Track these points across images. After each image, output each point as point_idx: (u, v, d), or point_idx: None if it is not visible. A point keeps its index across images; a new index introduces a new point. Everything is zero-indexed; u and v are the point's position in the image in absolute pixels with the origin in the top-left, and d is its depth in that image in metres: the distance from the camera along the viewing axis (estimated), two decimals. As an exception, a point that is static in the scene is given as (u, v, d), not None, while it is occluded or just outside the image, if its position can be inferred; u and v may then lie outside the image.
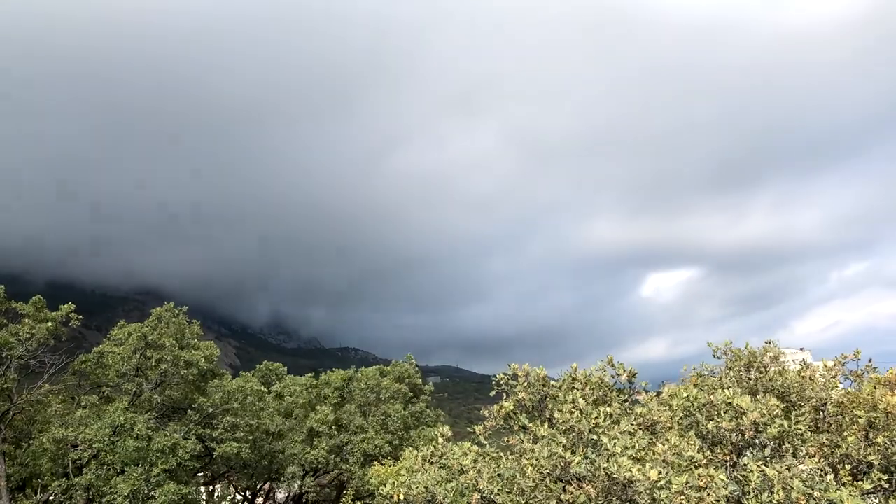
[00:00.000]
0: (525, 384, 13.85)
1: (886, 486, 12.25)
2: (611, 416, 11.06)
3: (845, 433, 12.74)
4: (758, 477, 9.33)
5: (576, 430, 10.89)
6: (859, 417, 12.63)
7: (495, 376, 14.58)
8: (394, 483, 13.95)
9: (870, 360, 14.67)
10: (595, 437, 10.48)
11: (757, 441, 11.16)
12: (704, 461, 9.90)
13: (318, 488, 43.32)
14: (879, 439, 12.18)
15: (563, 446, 10.73)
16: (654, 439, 10.36)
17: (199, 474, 36.42)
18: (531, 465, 11.01)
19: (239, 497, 43.15)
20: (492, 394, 14.52)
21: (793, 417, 11.69)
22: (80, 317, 30.26)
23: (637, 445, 9.87)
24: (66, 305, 29.96)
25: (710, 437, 11.47)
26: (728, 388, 12.38)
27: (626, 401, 13.17)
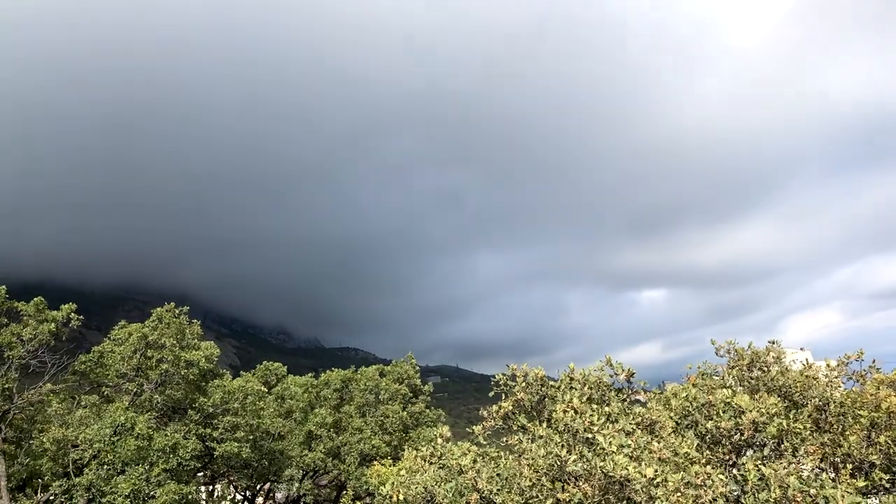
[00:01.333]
0: (523, 384, 13.86)
1: (888, 485, 12.25)
2: (609, 415, 11.06)
3: (847, 433, 12.75)
4: (755, 476, 9.34)
5: (572, 428, 10.89)
6: (862, 417, 12.64)
7: (494, 376, 14.60)
8: (393, 483, 13.94)
9: (873, 361, 14.67)
10: (591, 435, 10.48)
11: (756, 440, 11.17)
12: (703, 460, 9.91)
13: (317, 489, 43.32)
14: (881, 439, 12.19)
15: (560, 445, 10.73)
16: (651, 438, 10.36)
17: (200, 474, 36.45)
18: (529, 465, 11.02)
19: (239, 497, 43.14)
20: (491, 394, 14.53)
21: (792, 417, 11.70)
22: (81, 317, 30.29)
23: (634, 444, 9.87)
24: (66, 305, 29.97)
25: (709, 436, 11.48)
26: (729, 388, 12.38)
27: (625, 400, 13.18)
